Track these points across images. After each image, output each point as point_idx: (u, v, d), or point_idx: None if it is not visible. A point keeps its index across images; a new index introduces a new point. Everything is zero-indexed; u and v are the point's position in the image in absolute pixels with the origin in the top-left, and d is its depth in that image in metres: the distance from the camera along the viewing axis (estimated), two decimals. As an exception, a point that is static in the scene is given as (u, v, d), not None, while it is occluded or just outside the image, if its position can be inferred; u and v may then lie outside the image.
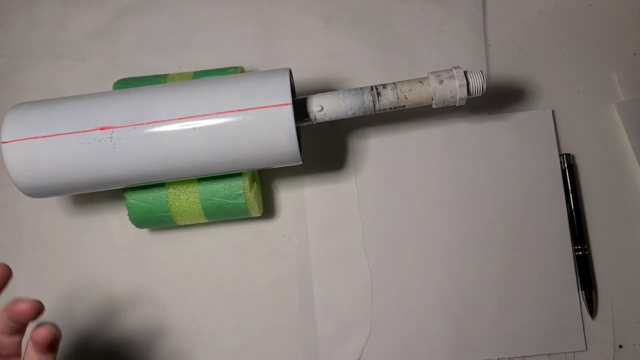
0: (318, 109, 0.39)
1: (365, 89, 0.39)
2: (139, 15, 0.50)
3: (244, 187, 0.40)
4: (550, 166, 0.46)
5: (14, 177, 0.36)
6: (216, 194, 0.41)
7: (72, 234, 0.46)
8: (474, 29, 0.49)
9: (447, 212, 0.46)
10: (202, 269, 0.46)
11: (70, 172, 0.36)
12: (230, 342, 0.44)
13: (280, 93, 0.36)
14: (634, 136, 0.47)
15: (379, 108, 0.39)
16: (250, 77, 0.37)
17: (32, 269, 0.46)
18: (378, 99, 0.39)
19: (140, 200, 0.41)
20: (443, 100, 0.39)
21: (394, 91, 0.39)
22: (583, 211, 0.46)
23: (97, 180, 0.37)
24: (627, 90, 0.48)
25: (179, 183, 0.41)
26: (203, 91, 0.36)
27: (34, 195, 0.38)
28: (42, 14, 0.50)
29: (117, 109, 0.36)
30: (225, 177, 0.41)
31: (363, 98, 0.39)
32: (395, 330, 0.44)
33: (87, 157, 0.36)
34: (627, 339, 0.44)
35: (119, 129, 0.35)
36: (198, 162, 0.36)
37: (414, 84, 0.39)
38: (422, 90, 0.39)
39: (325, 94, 0.39)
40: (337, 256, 0.45)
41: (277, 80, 0.36)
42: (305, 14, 0.50)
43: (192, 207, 0.41)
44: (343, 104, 0.39)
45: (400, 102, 0.39)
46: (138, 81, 0.42)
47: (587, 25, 0.50)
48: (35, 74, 0.49)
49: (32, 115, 0.36)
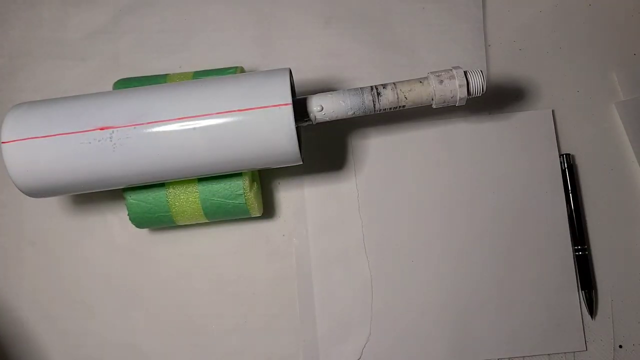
0: (318, 109, 0.39)
1: (365, 89, 0.39)
2: (139, 15, 0.50)
3: (244, 187, 0.40)
4: (550, 166, 0.46)
5: (14, 177, 0.36)
6: (216, 194, 0.41)
7: (72, 234, 0.46)
8: (474, 29, 0.49)
9: (447, 212, 0.46)
10: (202, 269, 0.46)
11: (71, 172, 0.36)
12: (230, 342, 0.45)
13: (280, 93, 0.36)
14: (634, 136, 0.47)
15: (379, 108, 0.39)
16: (250, 77, 0.37)
17: (32, 269, 0.46)
18: (378, 99, 0.39)
19: (140, 200, 0.41)
20: (443, 100, 0.39)
21: (394, 91, 0.39)
22: (583, 211, 0.46)
23: (97, 180, 0.37)
24: (627, 90, 0.48)
25: (179, 183, 0.41)
26: (203, 91, 0.36)
27: (34, 195, 0.38)
28: (42, 14, 0.50)
29: (117, 109, 0.36)
30: (225, 177, 0.41)
31: (363, 98, 0.39)
32: (395, 330, 0.44)
33: (87, 157, 0.36)
34: (627, 339, 0.44)
35: (119, 129, 0.35)
36: (198, 162, 0.36)
37: (414, 84, 0.39)
38: (422, 90, 0.39)
39: (325, 94, 0.39)
40: (337, 256, 0.45)
41: (277, 80, 0.36)
42: (305, 14, 0.50)
43: (192, 207, 0.41)
44: (343, 104, 0.39)
45: (400, 102, 0.39)
46: (138, 81, 0.42)
47: (587, 25, 0.50)
48: (35, 74, 0.49)
49: (32, 115, 0.36)
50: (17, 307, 0.46)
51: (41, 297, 0.46)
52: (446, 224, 0.46)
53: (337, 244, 0.45)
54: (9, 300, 0.46)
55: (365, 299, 0.44)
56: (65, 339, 0.45)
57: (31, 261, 0.46)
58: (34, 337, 0.45)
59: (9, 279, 0.46)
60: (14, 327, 0.45)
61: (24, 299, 0.46)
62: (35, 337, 0.45)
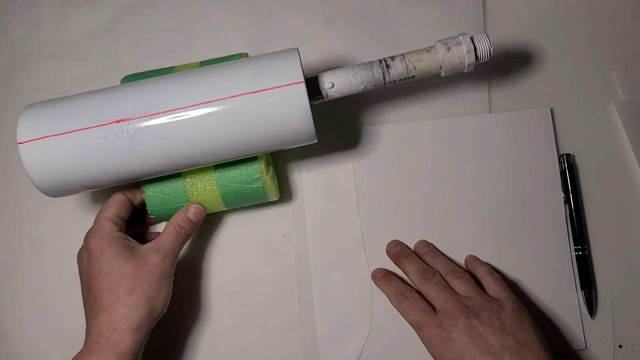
0: (329, 85, 0.39)
1: (374, 62, 0.39)
2: (139, 15, 0.50)
3: (260, 170, 0.40)
4: (549, 165, 0.46)
5: (33, 176, 0.36)
6: (233, 180, 0.40)
7: (72, 234, 0.46)
8: (474, 29, 0.49)
9: (446, 211, 0.46)
10: (202, 269, 0.46)
11: (89, 167, 0.36)
12: (230, 342, 0.45)
13: (292, 72, 0.35)
14: (634, 136, 0.47)
15: (389, 80, 0.39)
16: (259, 59, 0.37)
17: (32, 269, 0.46)
18: (387, 71, 0.39)
19: (157, 192, 0.41)
20: (452, 67, 0.39)
21: (403, 62, 0.39)
22: (583, 211, 0.46)
23: (117, 173, 0.37)
24: (627, 90, 0.48)
25: (195, 172, 0.41)
26: (214, 77, 0.36)
27: (53, 195, 0.37)
28: (42, 14, 0.50)
29: (131, 101, 0.36)
30: (241, 162, 0.40)
31: (373, 71, 0.39)
32: (395, 330, 0.44)
33: (105, 151, 0.35)
34: (626, 339, 0.44)
35: (134, 120, 0.35)
36: (215, 146, 0.36)
37: (421, 53, 0.39)
38: (431, 58, 0.39)
39: (334, 71, 0.39)
40: (336, 256, 0.45)
41: (287, 59, 0.36)
42: (305, 14, 0.50)
43: (210, 195, 0.41)
44: (353, 79, 0.39)
45: (409, 73, 0.39)
46: (146, 75, 0.42)
47: (587, 25, 0.50)
48: (35, 74, 0.49)
49: (46, 114, 0.36)
50: (17, 307, 0.46)
51: (40, 297, 0.46)
52: (445, 223, 0.46)
53: (336, 243, 0.45)
54: (9, 300, 0.46)
55: (364, 298, 0.44)
56: (65, 339, 0.45)
57: (31, 261, 0.46)
58: (34, 337, 0.45)
59: (9, 279, 0.46)
60: (13, 327, 0.45)
61: (24, 299, 0.46)
62: (36, 337, 0.45)
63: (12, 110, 0.48)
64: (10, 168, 0.47)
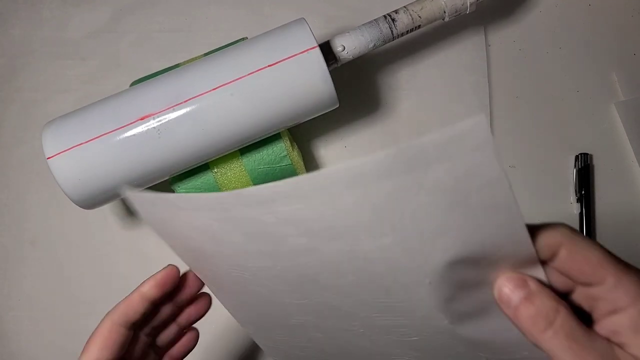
0: (340, 49, 0.39)
1: (379, 18, 0.40)
2: (139, 14, 0.50)
3: (286, 147, 0.40)
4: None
5: (67, 189, 0.35)
6: (262, 162, 0.40)
7: (72, 234, 0.46)
8: (474, 29, 0.49)
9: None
10: (202, 269, 0.46)
11: (122, 169, 0.35)
12: (230, 342, 0.44)
13: (305, 39, 0.36)
14: (634, 136, 0.47)
15: (397, 33, 0.40)
16: (269, 34, 0.37)
17: (32, 269, 0.46)
18: (394, 25, 0.39)
19: (189, 188, 0.40)
20: (455, 10, 0.40)
21: (407, 13, 0.39)
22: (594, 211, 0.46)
23: (149, 171, 0.36)
24: (627, 90, 0.48)
25: (222, 161, 0.40)
26: (229, 58, 0.36)
27: (87, 205, 0.37)
28: (42, 14, 0.50)
29: (151, 97, 0.35)
30: (266, 144, 0.40)
31: (380, 27, 0.39)
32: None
33: (135, 149, 0.35)
34: (627, 339, 0.44)
35: (159, 114, 0.35)
36: (243, 126, 0.36)
37: (423, 1, 0.40)
38: (433, 5, 0.40)
39: (343, 34, 0.39)
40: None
41: (296, 28, 0.36)
42: (305, 14, 0.49)
43: (242, 182, 0.41)
44: (362, 38, 0.39)
45: (415, 23, 0.40)
46: (154, 76, 0.42)
47: (587, 25, 0.50)
48: (36, 74, 0.49)
49: (69, 125, 0.36)
50: (17, 307, 0.46)
51: (40, 297, 0.46)
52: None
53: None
54: (9, 300, 0.46)
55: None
56: (65, 339, 0.45)
57: (31, 261, 0.46)
58: (34, 336, 0.45)
59: (9, 279, 0.46)
60: (13, 326, 0.45)
61: (24, 299, 0.46)
62: (36, 337, 0.45)
63: (12, 110, 0.48)
64: (10, 168, 0.47)
